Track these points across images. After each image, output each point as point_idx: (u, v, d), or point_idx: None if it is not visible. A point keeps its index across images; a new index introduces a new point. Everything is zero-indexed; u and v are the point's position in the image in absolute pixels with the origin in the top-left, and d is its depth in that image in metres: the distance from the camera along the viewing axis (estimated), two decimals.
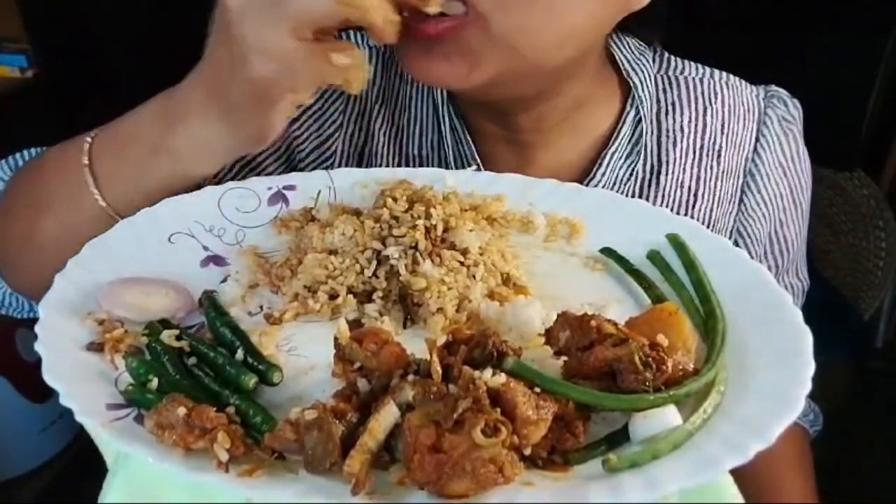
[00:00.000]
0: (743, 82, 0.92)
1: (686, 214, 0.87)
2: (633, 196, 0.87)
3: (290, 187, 0.79)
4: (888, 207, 1.50)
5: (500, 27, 0.69)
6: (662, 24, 0.88)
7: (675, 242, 0.71)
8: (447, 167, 0.85)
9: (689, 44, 0.96)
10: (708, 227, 0.88)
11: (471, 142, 0.86)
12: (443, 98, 0.87)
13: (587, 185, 0.85)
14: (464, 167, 0.86)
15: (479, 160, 0.86)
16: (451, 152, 0.87)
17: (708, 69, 0.91)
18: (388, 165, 0.89)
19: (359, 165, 0.90)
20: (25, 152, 0.85)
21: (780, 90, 0.93)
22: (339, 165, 0.90)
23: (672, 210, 0.87)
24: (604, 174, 0.86)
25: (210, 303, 0.66)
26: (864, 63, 1.57)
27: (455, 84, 0.75)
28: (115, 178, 0.72)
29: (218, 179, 0.84)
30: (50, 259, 0.67)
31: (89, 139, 0.72)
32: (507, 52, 0.71)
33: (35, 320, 0.59)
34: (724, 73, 0.91)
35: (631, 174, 0.86)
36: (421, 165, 0.88)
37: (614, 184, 0.87)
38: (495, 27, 0.69)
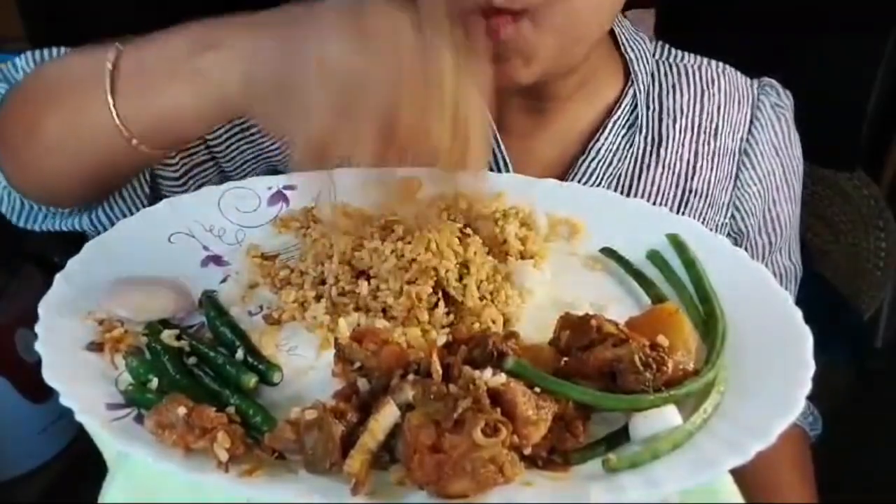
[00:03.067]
0: (737, 72, 0.97)
1: (686, 185, 0.92)
2: (634, 165, 0.91)
3: (290, 187, 0.79)
4: (888, 207, 1.50)
5: (552, 17, 0.75)
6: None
7: (675, 242, 0.72)
8: None
9: (688, 43, 0.97)
10: (706, 198, 0.92)
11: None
12: None
13: (590, 148, 0.90)
14: None
15: (493, 125, 0.89)
16: None
17: (705, 59, 0.97)
18: None
19: None
20: (55, 49, 0.80)
21: (773, 81, 0.98)
22: None
23: (672, 181, 0.91)
24: (606, 139, 0.90)
25: (210, 303, 0.66)
26: (864, 63, 1.57)
27: (519, 81, 0.79)
28: (131, 91, 0.67)
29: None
30: (51, 160, 0.66)
31: (120, 46, 0.69)
32: (557, 35, 0.77)
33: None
34: (721, 63, 0.97)
35: (631, 143, 0.91)
36: None
37: (616, 151, 0.91)
38: (547, 18, 0.75)
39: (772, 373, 0.57)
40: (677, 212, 0.89)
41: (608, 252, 0.73)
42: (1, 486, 1.70)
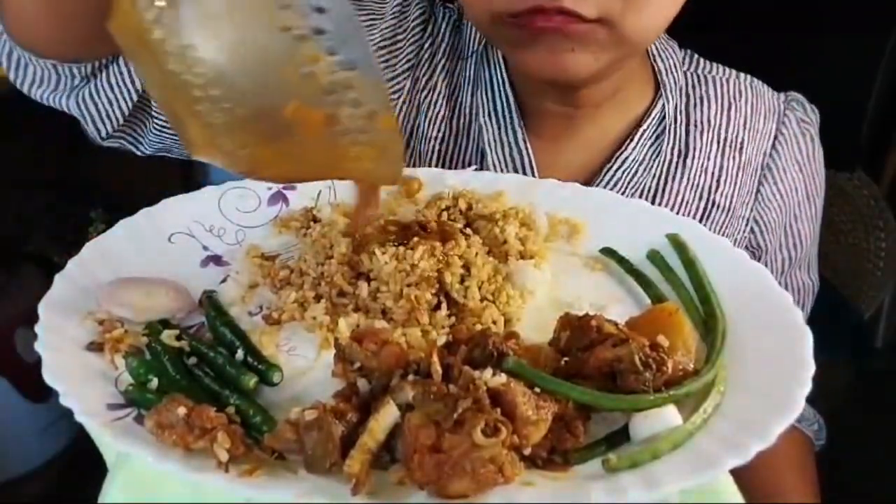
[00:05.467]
0: (765, 86, 0.97)
1: (709, 198, 0.92)
2: (659, 176, 0.91)
3: (291, 187, 0.79)
4: (888, 208, 1.50)
5: (626, 27, 0.75)
6: None
7: (675, 242, 0.72)
8: (489, 130, 0.91)
9: (688, 43, 0.97)
10: (727, 212, 0.93)
11: (515, 109, 0.90)
12: (501, 69, 0.92)
13: (618, 157, 0.90)
14: (507, 133, 0.90)
15: (521, 126, 0.90)
16: (497, 116, 0.91)
17: (733, 71, 0.97)
18: (443, 115, 0.93)
19: (416, 111, 0.94)
20: None
21: (800, 96, 0.98)
22: (403, 104, 0.94)
23: (696, 193, 0.92)
24: (634, 149, 0.91)
25: (210, 303, 0.66)
26: (864, 63, 1.57)
27: (580, 73, 0.79)
28: None
29: None
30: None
31: None
32: (626, 45, 0.78)
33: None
34: (749, 76, 0.97)
35: (658, 153, 0.91)
36: (471, 122, 0.93)
37: (642, 161, 0.91)
38: (621, 28, 0.75)
39: (772, 373, 0.57)
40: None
41: (608, 252, 0.73)
42: (1, 486, 1.70)
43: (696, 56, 0.97)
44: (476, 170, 0.85)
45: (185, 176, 2.06)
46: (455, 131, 0.93)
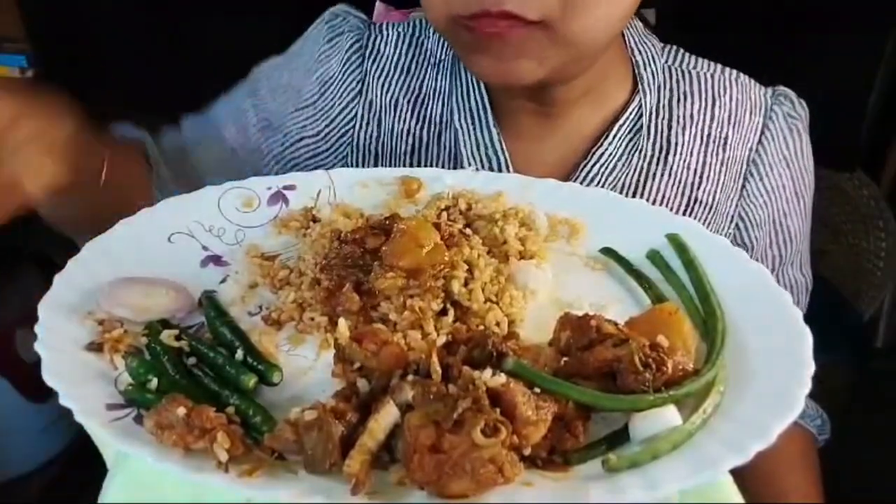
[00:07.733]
0: (752, 80, 0.96)
1: (691, 195, 0.91)
2: (640, 172, 0.90)
3: (290, 187, 0.79)
4: (888, 208, 1.50)
5: (567, 30, 0.75)
6: None
7: (675, 242, 0.71)
8: (465, 132, 0.91)
9: (688, 43, 0.97)
10: (710, 209, 0.92)
11: (489, 110, 0.91)
12: (468, 72, 0.92)
13: (594, 153, 0.90)
14: (482, 134, 0.90)
15: (496, 126, 0.90)
16: (471, 118, 0.91)
17: (719, 66, 0.95)
18: (410, 129, 0.94)
19: (378, 130, 0.95)
20: None
21: (788, 90, 0.97)
22: (360, 129, 0.95)
23: (678, 189, 0.91)
24: (611, 144, 0.90)
25: (210, 303, 0.66)
26: (864, 63, 1.57)
27: (525, 80, 0.80)
28: None
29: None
30: None
31: None
32: (569, 47, 0.77)
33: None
34: (734, 71, 0.95)
35: (636, 149, 0.90)
36: (441, 131, 0.93)
37: (620, 156, 0.90)
38: (562, 30, 0.75)
39: (772, 373, 0.57)
40: None
41: (608, 252, 0.73)
42: (1, 486, 1.70)
43: (680, 51, 0.96)
44: (474, 170, 0.85)
45: None
46: (425, 142, 0.93)
